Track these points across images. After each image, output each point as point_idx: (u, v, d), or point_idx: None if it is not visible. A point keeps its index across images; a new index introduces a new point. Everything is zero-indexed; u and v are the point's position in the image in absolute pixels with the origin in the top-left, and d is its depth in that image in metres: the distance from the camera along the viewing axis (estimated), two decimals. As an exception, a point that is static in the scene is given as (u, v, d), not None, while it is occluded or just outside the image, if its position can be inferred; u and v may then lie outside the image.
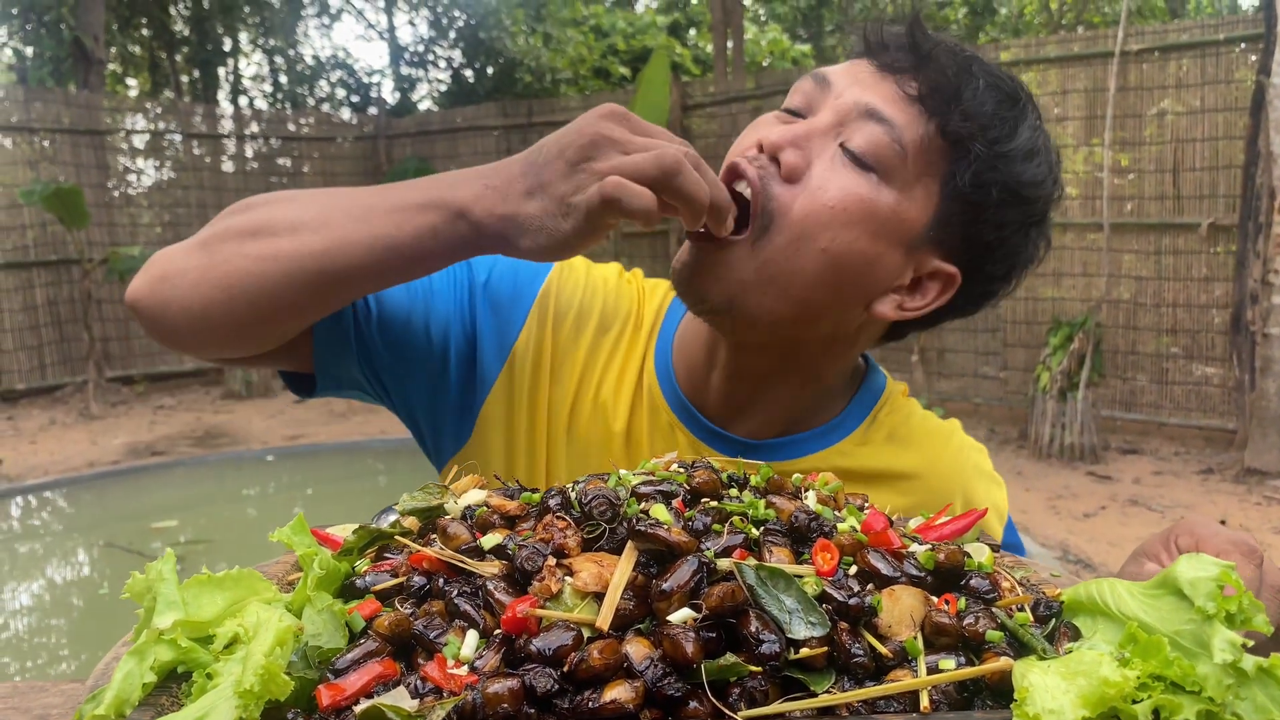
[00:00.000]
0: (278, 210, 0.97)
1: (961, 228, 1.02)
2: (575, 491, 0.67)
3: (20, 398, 9.80)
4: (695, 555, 0.59)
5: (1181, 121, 7.36)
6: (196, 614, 0.60)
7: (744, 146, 1.03)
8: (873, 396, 1.18)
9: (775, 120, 1.05)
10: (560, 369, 1.15)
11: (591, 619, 0.57)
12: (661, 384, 1.15)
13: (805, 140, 0.99)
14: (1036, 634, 0.59)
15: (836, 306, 1.02)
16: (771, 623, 0.57)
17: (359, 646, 0.58)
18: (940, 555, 0.65)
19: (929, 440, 1.18)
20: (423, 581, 0.64)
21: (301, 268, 0.92)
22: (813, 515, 0.66)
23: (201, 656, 0.58)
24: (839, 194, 0.97)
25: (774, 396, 1.11)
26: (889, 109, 0.98)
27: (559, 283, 1.18)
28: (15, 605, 5.51)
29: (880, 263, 1.01)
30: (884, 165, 0.98)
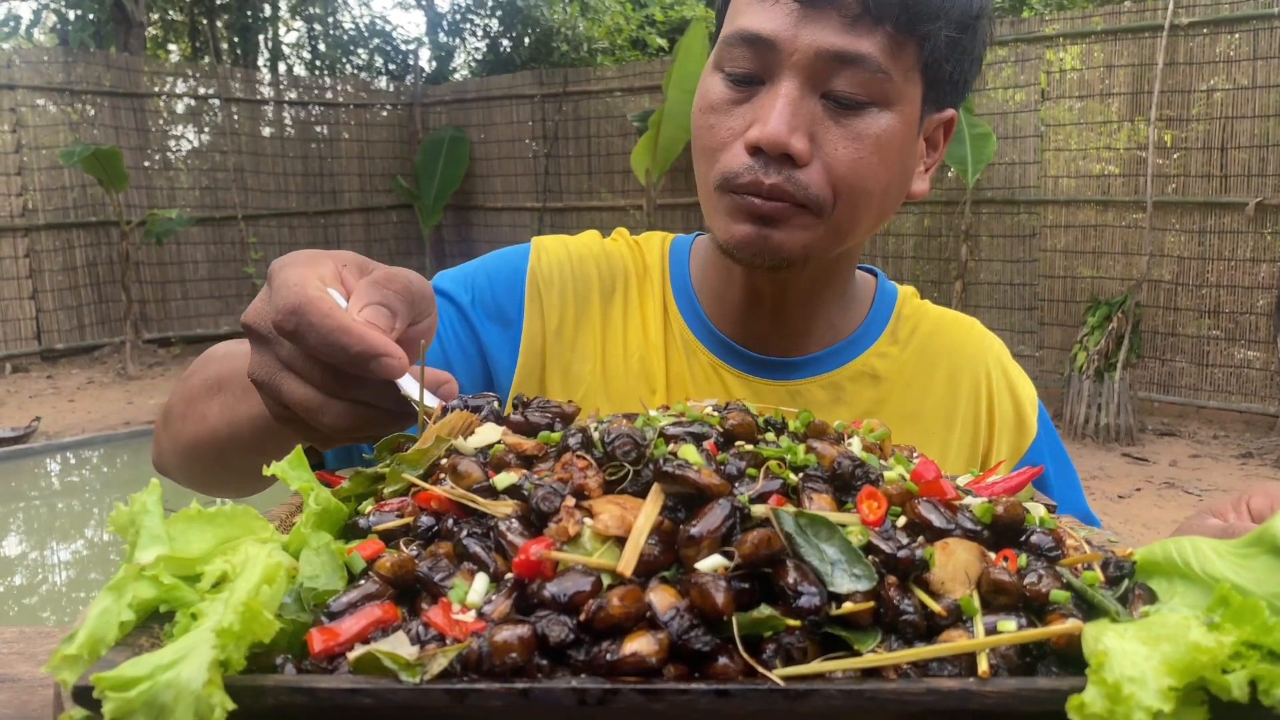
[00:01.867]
0: (190, 387, 1.00)
1: (946, 82, 1.04)
2: (598, 430, 0.61)
3: (60, 357, 9.91)
4: (728, 499, 0.54)
5: (1230, 98, 7.16)
6: (183, 550, 0.55)
7: (721, 139, 1.01)
8: (890, 298, 1.23)
9: (728, 96, 1.01)
10: (578, 341, 1.15)
11: (612, 564, 0.51)
12: (693, 328, 1.16)
13: (795, 118, 0.96)
14: (1108, 595, 0.53)
15: (891, 210, 1.07)
16: (811, 574, 0.51)
17: (357, 588, 0.53)
18: (999, 508, 0.58)
19: (954, 329, 1.24)
20: (430, 522, 0.58)
21: (215, 450, 0.95)
22: (858, 461, 0.60)
23: (186, 595, 0.53)
24: (856, 148, 0.98)
25: (820, 311, 1.14)
26: (851, 44, 0.95)
27: (542, 268, 1.17)
28: (54, 560, 5.58)
29: (910, 161, 1.05)
30: (875, 95, 0.98)
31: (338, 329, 0.68)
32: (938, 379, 1.19)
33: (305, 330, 0.68)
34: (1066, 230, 7.99)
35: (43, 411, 7.91)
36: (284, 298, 0.69)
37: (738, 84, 1.00)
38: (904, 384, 1.18)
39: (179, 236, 10.42)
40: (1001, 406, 1.20)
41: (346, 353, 0.68)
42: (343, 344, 0.67)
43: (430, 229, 11.83)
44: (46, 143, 9.71)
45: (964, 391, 1.19)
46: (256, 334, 0.73)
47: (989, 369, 1.21)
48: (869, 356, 1.17)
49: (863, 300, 1.22)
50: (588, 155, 11.16)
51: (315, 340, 0.68)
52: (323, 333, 0.67)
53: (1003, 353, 1.25)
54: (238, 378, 0.90)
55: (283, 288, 0.70)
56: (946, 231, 8.52)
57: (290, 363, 0.71)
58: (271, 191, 11.47)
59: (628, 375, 1.14)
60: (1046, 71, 7.92)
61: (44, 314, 9.80)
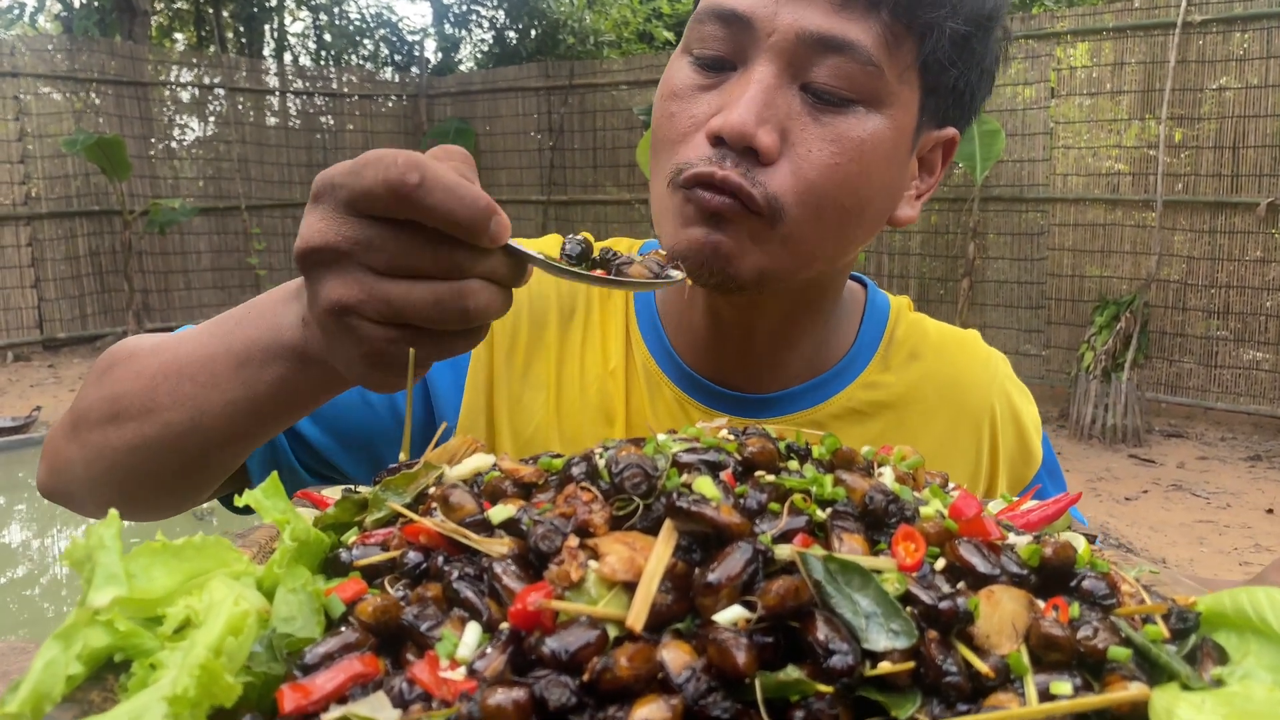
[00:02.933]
0: (128, 383, 0.82)
1: (948, 92, 0.91)
2: (604, 458, 0.55)
3: (62, 346, 9.87)
4: (749, 540, 0.48)
5: (1241, 96, 7.08)
6: (144, 589, 0.49)
7: (682, 130, 0.88)
8: (880, 316, 1.09)
9: (694, 81, 0.88)
10: (530, 369, 1.02)
11: (620, 615, 0.46)
12: (657, 357, 1.03)
13: (765, 107, 0.83)
14: (1174, 654, 0.48)
15: (866, 237, 0.93)
16: (844, 628, 0.45)
17: (335, 637, 0.47)
18: (1047, 549, 0.53)
19: (955, 351, 1.10)
20: (418, 558, 0.53)
21: (173, 450, 0.80)
22: (891, 496, 0.54)
23: (145, 641, 0.47)
24: (833, 151, 0.85)
25: (796, 343, 1.01)
26: (840, 28, 0.83)
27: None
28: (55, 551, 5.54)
29: (897, 178, 0.91)
30: (863, 92, 0.85)
31: (461, 181, 0.60)
32: (939, 415, 1.06)
33: (432, 183, 0.59)
34: (1075, 229, 7.92)
35: (44, 401, 7.86)
36: (399, 156, 0.60)
37: (706, 69, 0.88)
38: (897, 420, 1.04)
39: (182, 226, 10.37)
40: (1006, 441, 1.09)
41: (477, 205, 0.60)
42: (474, 195, 0.60)
43: (434, 221, 11.77)
44: (50, 131, 9.66)
45: (967, 429, 1.07)
46: (332, 252, 0.62)
47: (993, 402, 1.08)
48: (856, 389, 1.04)
49: (849, 320, 1.07)
50: (593, 149, 11.09)
51: (443, 194, 0.59)
52: (451, 184, 0.59)
53: (1007, 376, 1.12)
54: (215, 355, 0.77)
55: (381, 158, 0.61)
56: (954, 229, 8.45)
57: (397, 260, 0.61)
58: (275, 182, 11.42)
59: (584, 407, 1.02)
60: (1056, 69, 7.85)
61: (46, 303, 9.75)
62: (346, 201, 0.62)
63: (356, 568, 0.53)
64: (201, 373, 0.77)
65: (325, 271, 0.63)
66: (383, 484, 0.59)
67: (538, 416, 1.01)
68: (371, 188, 0.60)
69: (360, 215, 0.62)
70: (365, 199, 0.61)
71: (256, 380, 0.74)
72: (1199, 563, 4.87)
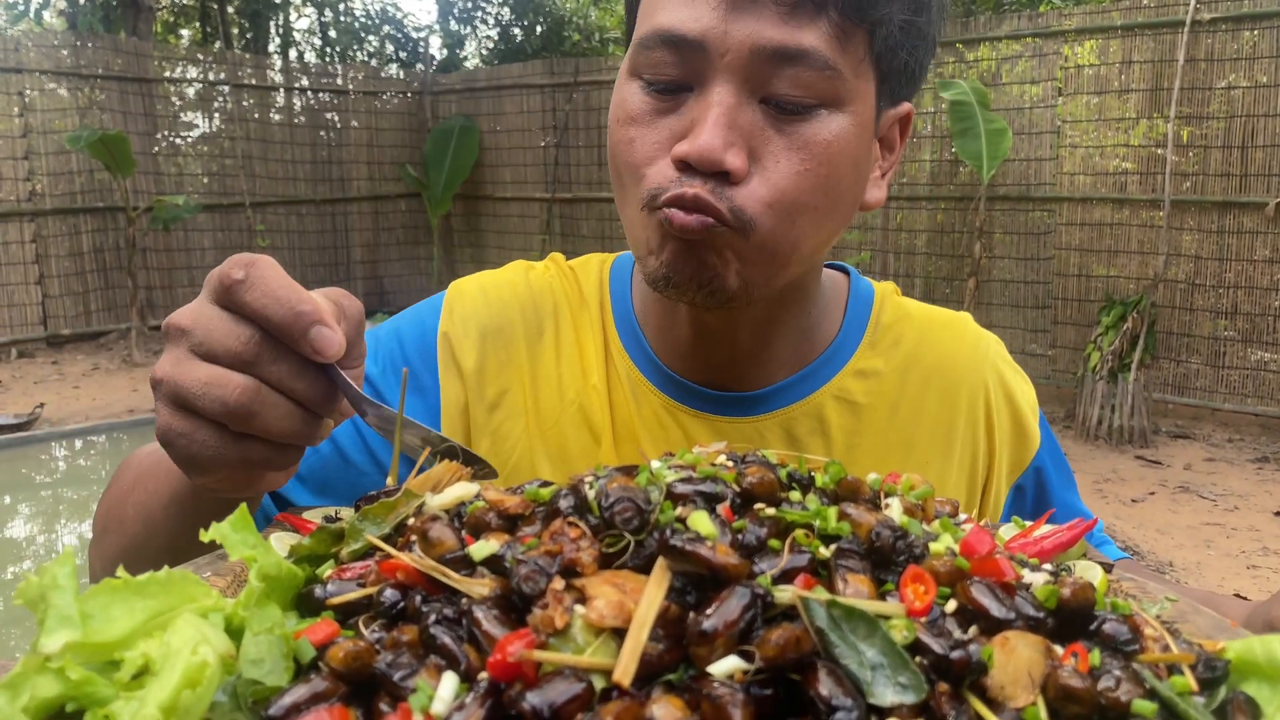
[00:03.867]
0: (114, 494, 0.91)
1: (900, 73, 0.90)
2: (593, 490, 0.52)
3: (65, 343, 9.86)
4: (747, 584, 0.45)
5: (1250, 95, 7.03)
6: (101, 631, 0.46)
7: (646, 154, 0.85)
8: (865, 303, 1.07)
9: (650, 105, 0.86)
10: (505, 399, 1.01)
11: (608, 664, 0.43)
12: (640, 365, 1.01)
13: (731, 130, 0.81)
14: (1202, 709, 0.44)
15: (841, 229, 0.92)
16: (848, 681, 0.42)
17: (303, 685, 0.44)
18: (1065, 591, 0.50)
19: (943, 333, 1.07)
20: (395, 597, 0.50)
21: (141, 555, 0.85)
22: (899, 532, 0.51)
23: (99, 690, 0.44)
24: (801, 159, 0.84)
25: (781, 337, 1.00)
26: (793, 37, 0.80)
27: (454, 325, 1.03)
28: (58, 548, 5.53)
29: (864, 168, 0.91)
30: (824, 96, 0.83)
31: (288, 286, 0.62)
32: (930, 399, 1.04)
33: (254, 281, 0.62)
34: (1081, 228, 7.86)
35: (47, 398, 7.85)
36: (239, 257, 0.64)
37: (661, 93, 0.85)
38: (889, 407, 1.03)
39: (186, 223, 10.35)
40: (1001, 424, 1.06)
41: (292, 308, 0.61)
42: (292, 300, 0.61)
43: (439, 218, 11.74)
44: (54, 127, 9.64)
45: (962, 411, 1.04)
46: (176, 328, 0.65)
47: (987, 382, 1.06)
48: (846, 377, 1.02)
49: (834, 309, 1.06)
50: (598, 146, 11.05)
51: (259, 292, 0.62)
52: (273, 286, 0.62)
53: (1000, 355, 1.09)
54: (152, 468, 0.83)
55: (237, 257, 0.64)
56: (960, 228, 8.40)
57: (207, 337, 0.63)
58: (280, 179, 11.39)
59: (566, 426, 1.00)
60: (1063, 67, 7.80)
61: (50, 299, 9.74)
62: (211, 289, 0.65)
63: (330, 606, 0.50)
64: (150, 479, 0.83)
65: (166, 346, 0.66)
66: (360, 513, 0.56)
67: (520, 444, 1.00)
68: (213, 278, 0.64)
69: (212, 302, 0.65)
70: (211, 288, 0.65)
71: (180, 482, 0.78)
72: (1206, 566, 4.83)
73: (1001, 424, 1.06)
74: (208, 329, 0.63)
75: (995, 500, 1.06)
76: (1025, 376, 1.11)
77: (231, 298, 0.62)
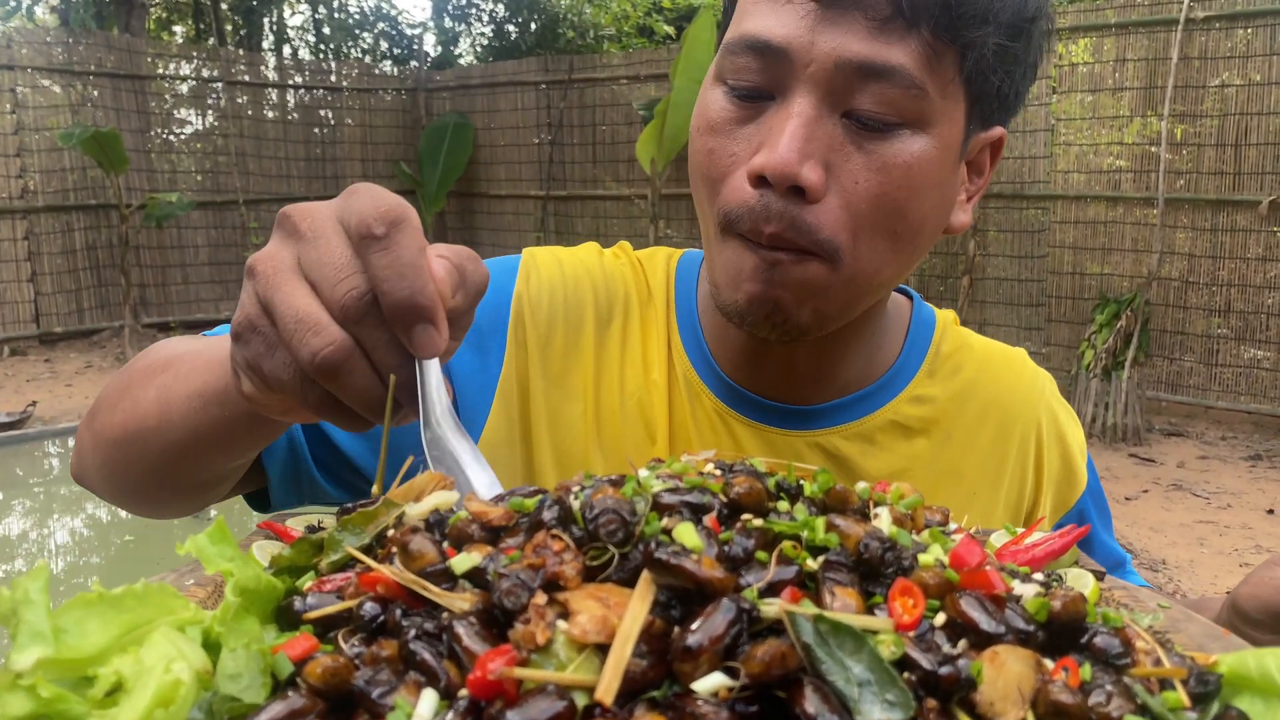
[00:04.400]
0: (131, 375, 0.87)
1: (993, 97, 0.87)
2: (579, 501, 0.51)
3: (58, 341, 9.83)
4: (733, 598, 0.44)
5: (1244, 93, 7.04)
6: (75, 646, 0.45)
7: (723, 168, 0.85)
8: (927, 330, 1.06)
9: (731, 114, 0.85)
10: (567, 380, 0.99)
11: (590, 681, 0.42)
12: (698, 367, 1.00)
13: (808, 141, 0.80)
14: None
15: (924, 254, 0.91)
16: (835, 699, 0.41)
17: (280, 703, 0.43)
18: (1055, 603, 0.49)
19: (1002, 366, 1.06)
20: (375, 610, 0.49)
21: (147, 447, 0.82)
22: (888, 544, 0.50)
23: (72, 708, 0.43)
24: (880, 180, 0.82)
25: (842, 359, 0.99)
26: (880, 53, 0.79)
27: (529, 293, 1.00)
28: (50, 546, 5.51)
29: (949, 193, 0.88)
30: (908, 115, 0.81)
31: (420, 263, 0.58)
32: (985, 432, 1.03)
33: (392, 243, 0.57)
34: (1076, 226, 7.88)
35: (39, 396, 7.83)
36: (390, 204, 0.58)
37: (743, 99, 0.84)
38: (944, 435, 1.01)
39: (179, 220, 10.33)
40: (1051, 463, 1.05)
41: (413, 295, 0.57)
42: (416, 283, 0.57)
43: (433, 216, 11.72)
44: (47, 124, 9.61)
45: (1014, 447, 1.04)
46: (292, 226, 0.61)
47: (1040, 420, 1.05)
48: (902, 402, 1.01)
49: (895, 333, 1.04)
50: (593, 144, 11.04)
51: (392, 259, 0.57)
52: (407, 255, 0.57)
53: (1054, 395, 1.09)
54: (189, 356, 0.79)
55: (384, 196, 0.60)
56: (955, 226, 8.40)
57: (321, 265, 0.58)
58: (273, 176, 11.37)
59: (624, 420, 0.98)
60: (1058, 65, 7.80)
61: (42, 297, 9.72)
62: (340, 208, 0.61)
63: (308, 620, 0.49)
64: (183, 366, 0.79)
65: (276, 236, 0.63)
66: (340, 523, 0.55)
67: (576, 428, 0.98)
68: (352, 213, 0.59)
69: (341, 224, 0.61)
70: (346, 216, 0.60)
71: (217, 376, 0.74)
72: (1199, 564, 4.83)
73: (1052, 463, 1.05)
74: (324, 257, 0.59)
75: None
76: (1076, 417, 1.11)
77: (361, 248, 0.58)
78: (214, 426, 0.77)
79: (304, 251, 0.60)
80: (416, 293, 0.57)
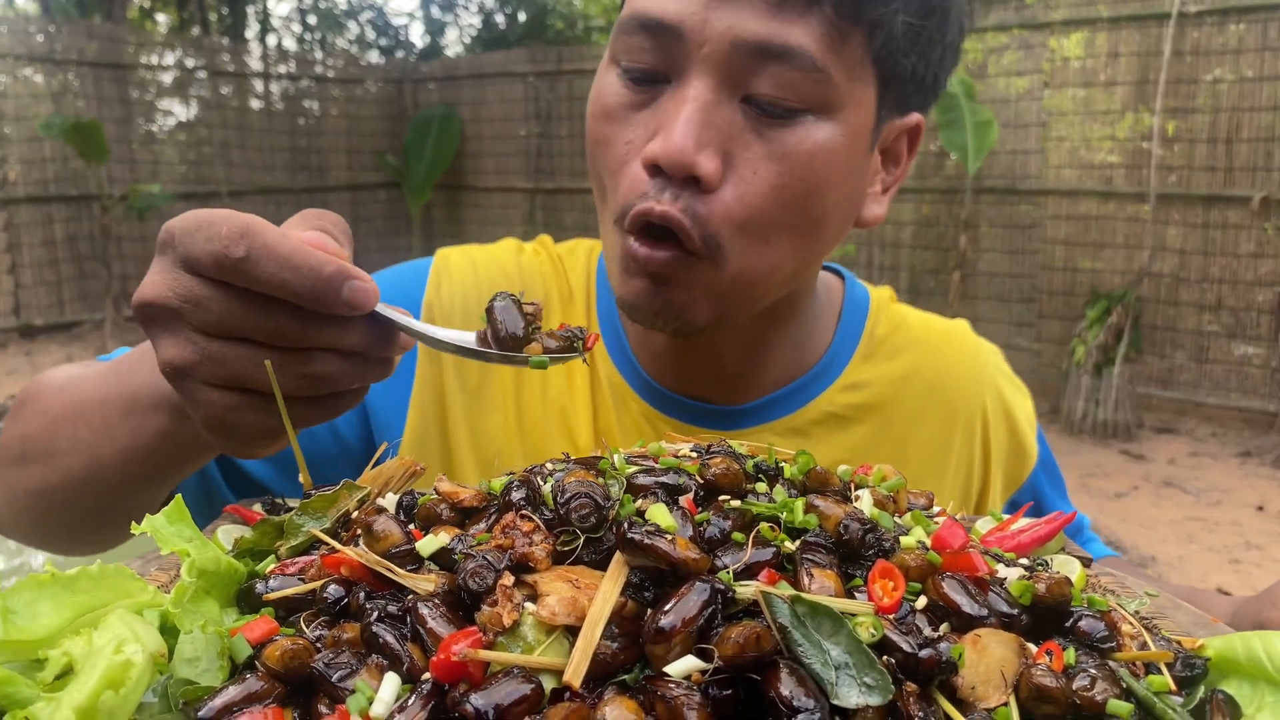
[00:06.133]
0: (35, 422, 0.80)
1: (906, 80, 0.82)
2: (549, 484, 0.50)
3: (38, 333, 9.75)
4: (707, 580, 0.43)
5: (1236, 89, 7.04)
6: (26, 628, 0.44)
7: (619, 158, 0.81)
8: (860, 312, 1.01)
9: (625, 98, 0.81)
10: (485, 390, 0.94)
11: (558, 664, 0.41)
12: (622, 370, 0.95)
13: (705, 128, 0.75)
14: (1180, 708, 0.42)
15: (829, 249, 0.86)
16: (811, 682, 0.40)
17: (237, 685, 0.42)
18: (1040, 586, 0.48)
19: (941, 343, 1.02)
20: (338, 592, 0.47)
21: (75, 496, 0.77)
22: (868, 525, 0.49)
23: (20, 690, 0.42)
24: (780, 171, 0.77)
25: (769, 353, 0.94)
26: (779, 33, 0.74)
27: (440, 300, 0.96)
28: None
29: (857, 185, 0.83)
30: (811, 100, 0.77)
31: (299, 248, 0.55)
32: (928, 416, 0.99)
33: (260, 255, 0.54)
34: (1067, 221, 7.88)
35: (18, 389, 7.76)
36: (226, 224, 0.55)
37: (637, 83, 0.80)
38: (883, 422, 0.97)
39: (162, 211, 10.23)
40: (999, 442, 1.02)
41: (318, 274, 0.55)
42: (312, 264, 0.54)
43: (419, 208, 11.67)
44: (28, 113, 9.52)
45: (959, 429, 1.00)
46: (164, 310, 0.57)
47: (984, 399, 1.01)
48: (836, 392, 0.96)
49: (826, 318, 0.99)
50: (581, 136, 10.88)
51: (273, 266, 0.54)
52: (284, 254, 0.54)
53: (998, 368, 1.04)
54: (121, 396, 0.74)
55: (213, 222, 0.56)
56: (946, 220, 8.40)
57: (226, 324, 0.56)
58: (258, 167, 11.29)
59: (547, 430, 0.94)
60: (1049, 60, 7.80)
61: (23, 289, 9.62)
62: (181, 259, 0.57)
63: (269, 602, 0.48)
64: (95, 417, 0.74)
65: (159, 329, 0.59)
66: (300, 506, 0.53)
67: (498, 440, 0.94)
68: (198, 255, 0.56)
69: (193, 274, 0.57)
70: (194, 263, 0.57)
71: (143, 428, 0.71)
72: (1189, 560, 4.84)
73: (999, 442, 1.02)
74: (216, 311, 0.56)
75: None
76: (1023, 389, 1.07)
77: (239, 276, 0.55)
78: (165, 471, 0.74)
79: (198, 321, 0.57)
80: (316, 268, 0.55)
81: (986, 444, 1.02)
